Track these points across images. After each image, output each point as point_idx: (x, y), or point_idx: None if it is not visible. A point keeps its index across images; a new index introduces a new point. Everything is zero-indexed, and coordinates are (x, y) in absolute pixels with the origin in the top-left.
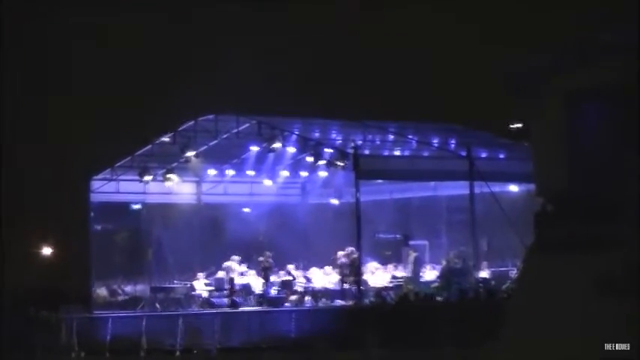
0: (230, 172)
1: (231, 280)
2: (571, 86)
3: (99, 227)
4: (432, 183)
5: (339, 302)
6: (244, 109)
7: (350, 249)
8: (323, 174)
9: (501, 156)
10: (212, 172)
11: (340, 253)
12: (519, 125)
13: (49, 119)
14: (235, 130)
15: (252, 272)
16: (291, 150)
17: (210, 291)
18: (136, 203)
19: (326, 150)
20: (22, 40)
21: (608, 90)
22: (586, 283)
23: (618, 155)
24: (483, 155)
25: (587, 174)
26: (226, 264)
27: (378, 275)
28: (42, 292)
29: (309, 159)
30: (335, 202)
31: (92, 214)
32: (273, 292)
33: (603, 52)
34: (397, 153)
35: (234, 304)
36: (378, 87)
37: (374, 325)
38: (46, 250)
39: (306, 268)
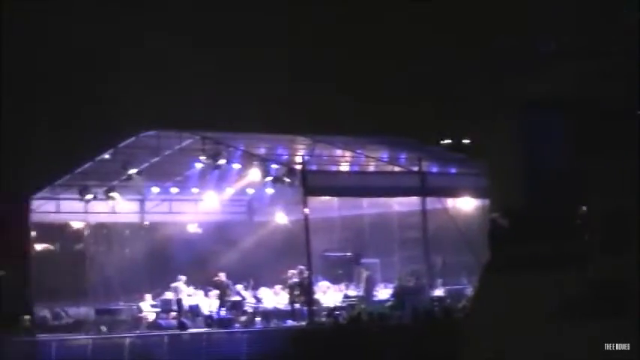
0: (174, 190)
1: (179, 301)
2: (525, 97)
3: (39, 248)
4: (383, 199)
5: (290, 323)
6: (187, 124)
7: (300, 268)
8: (270, 191)
9: (454, 171)
10: (155, 190)
11: (290, 272)
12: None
13: None
14: (178, 147)
15: (200, 293)
16: (237, 166)
17: (157, 312)
18: (78, 223)
19: (272, 166)
20: None
21: (563, 100)
22: (547, 304)
23: (575, 168)
24: (435, 170)
25: (543, 188)
26: (174, 284)
27: (329, 295)
28: None
29: (255, 175)
30: (283, 219)
31: (33, 234)
32: (223, 312)
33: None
34: (346, 168)
35: (182, 326)
36: (325, 100)
37: (326, 346)
38: None
39: (255, 288)
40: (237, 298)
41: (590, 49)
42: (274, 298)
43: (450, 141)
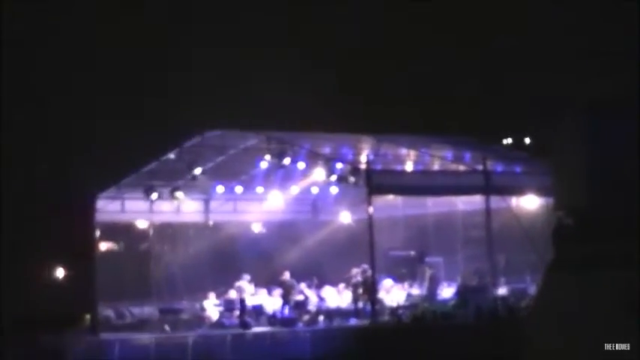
0: (239, 189)
1: (242, 300)
2: (593, 98)
3: (104, 247)
4: (447, 198)
5: (353, 321)
6: (252, 124)
7: (364, 266)
8: (334, 190)
9: (518, 170)
10: (220, 189)
11: (354, 271)
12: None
13: (49, 134)
14: (243, 146)
15: (264, 292)
16: (301, 165)
17: (220, 311)
18: (143, 222)
19: (337, 165)
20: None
21: (631, 101)
22: (611, 303)
23: None
24: (499, 169)
25: (608, 188)
26: (237, 284)
27: (393, 293)
28: (46, 316)
29: (320, 175)
30: (347, 218)
31: (97, 233)
32: (286, 311)
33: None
34: (410, 167)
35: (245, 325)
36: (389, 99)
37: (389, 345)
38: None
39: (319, 287)
40: (301, 297)
41: None
42: (338, 297)
43: (512, 140)
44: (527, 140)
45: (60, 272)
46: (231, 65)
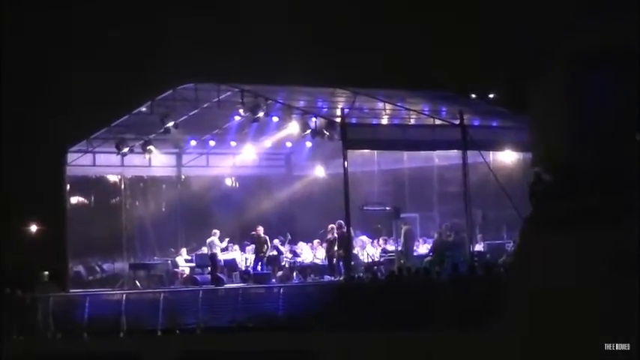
0: (212, 143)
1: (213, 255)
2: (576, 49)
3: (75, 202)
4: (423, 153)
5: (328, 278)
6: (226, 77)
7: (339, 222)
8: (309, 144)
9: (495, 124)
10: (193, 143)
11: (329, 227)
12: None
13: (18, 87)
14: (216, 99)
15: (236, 247)
16: (275, 119)
17: (192, 267)
18: (114, 176)
19: (312, 119)
20: None
21: (613, 54)
22: (594, 259)
23: (622, 123)
24: (476, 123)
25: (589, 143)
26: (209, 239)
27: (368, 249)
28: (16, 271)
29: (294, 128)
30: (322, 173)
31: (68, 188)
32: (259, 267)
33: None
34: (386, 121)
35: (217, 281)
36: (366, 52)
37: (365, 302)
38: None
39: (292, 243)
40: (275, 252)
41: None
42: (312, 252)
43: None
44: (505, 94)
45: (31, 227)
46: (204, 19)
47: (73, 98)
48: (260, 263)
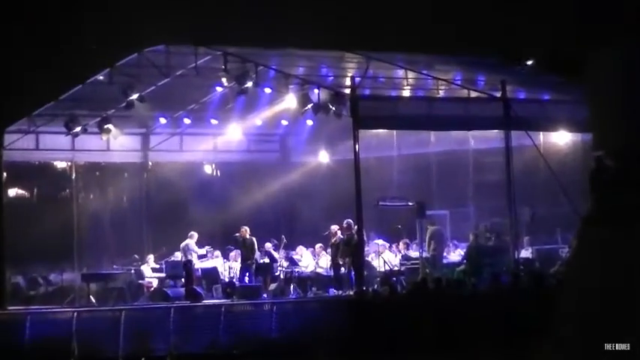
0: (187, 122)
1: (188, 263)
2: None
3: (13, 194)
4: (455, 133)
5: (333, 292)
6: (204, 37)
7: (348, 221)
8: (309, 123)
9: (546, 97)
10: (162, 121)
11: (335, 228)
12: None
13: None
14: (193, 65)
15: (218, 253)
16: (268, 91)
17: (162, 278)
18: (62, 163)
19: (314, 91)
20: None
21: None
22: None
23: None
24: (522, 96)
25: None
26: (183, 243)
27: (385, 256)
28: None
29: (292, 103)
30: (326, 159)
31: (4, 177)
32: (247, 279)
33: None
34: (408, 94)
35: (194, 296)
36: (383, 9)
37: (381, 322)
38: None
39: (289, 248)
40: (266, 260)
41: None
42: (313, 260)
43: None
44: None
45: None
46: None
47: (11, 65)
48: (248, 273)
